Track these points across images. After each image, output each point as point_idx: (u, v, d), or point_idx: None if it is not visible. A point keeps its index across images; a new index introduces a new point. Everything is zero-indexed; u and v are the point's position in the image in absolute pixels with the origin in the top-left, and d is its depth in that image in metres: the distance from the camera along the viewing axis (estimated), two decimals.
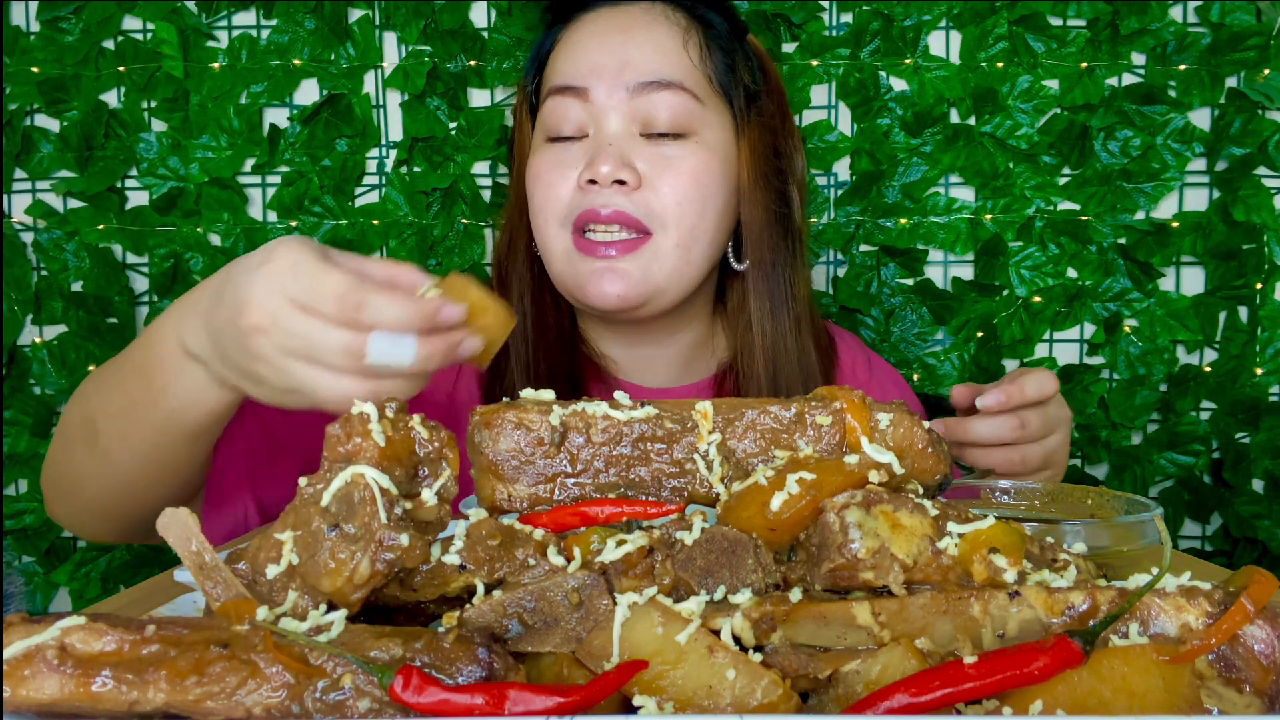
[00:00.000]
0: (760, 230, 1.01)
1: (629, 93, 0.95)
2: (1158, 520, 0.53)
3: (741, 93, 1.00)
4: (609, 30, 0.98)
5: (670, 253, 0.95)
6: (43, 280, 1.51)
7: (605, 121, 0.95)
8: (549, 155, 0.98)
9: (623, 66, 0.95)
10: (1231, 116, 1.41)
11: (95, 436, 0.78)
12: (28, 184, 1.50)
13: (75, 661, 0.37)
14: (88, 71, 1.47)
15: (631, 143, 0.95)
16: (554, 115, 0.98)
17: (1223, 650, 0.38)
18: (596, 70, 0.96)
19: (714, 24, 1.00)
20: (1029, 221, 1.44)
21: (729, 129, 0.99)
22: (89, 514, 0.85)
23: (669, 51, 0.96)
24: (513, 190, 1.08)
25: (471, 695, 0.35)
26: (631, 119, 0.95)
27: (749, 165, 1.00)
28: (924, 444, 0.49)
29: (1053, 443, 0.91)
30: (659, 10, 0.99)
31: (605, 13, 1.00)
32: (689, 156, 0.95)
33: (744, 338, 1.03)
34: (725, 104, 0.99)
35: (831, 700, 0.39)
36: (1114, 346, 1.45)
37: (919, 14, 1.43)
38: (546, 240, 0.98)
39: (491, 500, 0.50)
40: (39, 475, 1.51)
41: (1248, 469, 1.43)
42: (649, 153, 0.95)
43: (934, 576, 0.42)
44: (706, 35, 0.99)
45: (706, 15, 1.00)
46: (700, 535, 0.43)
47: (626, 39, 0.97)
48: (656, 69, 0.95)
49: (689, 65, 0.97)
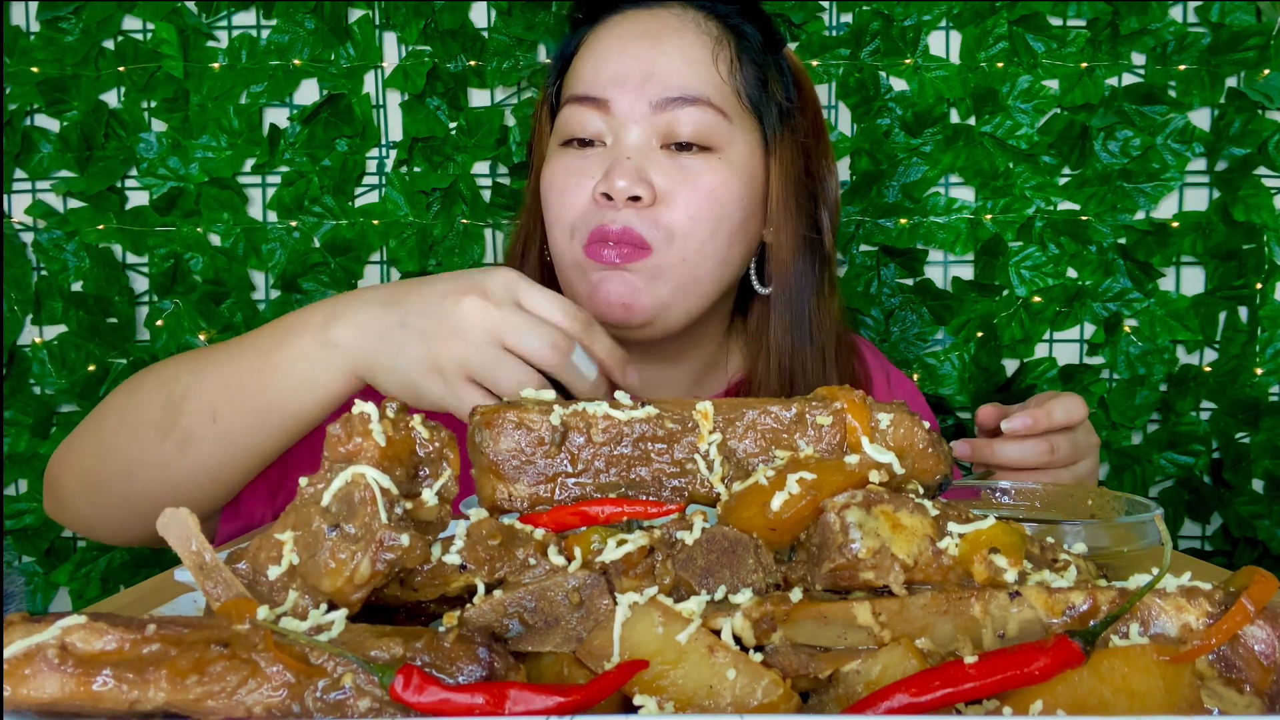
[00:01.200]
0: (788, 255, 0.96)
1: (651, 107, 0.90)
2: (1158, 520, 0.53)
3: (774, 110, 0.95)
4: (635, 36, 0.93)
5: (675, 267, 0.90)
6: (43, 280, 1.51)
7: (625, 133, 0.91)
8: (565, 162, 0.93)
9: (646, 79, 0.90)
10: (1231, 116, 1.41)
11: (178, 418, 0.78)
12: (28, 184, 1.50)
13: (76, 661, 0.37)
14: (88, 71, 1.47)
15: (650, 155, 0.90)
16: (572, 122, 0.93)
17: (1223, 650, 0.38)
18: (619, 81, 0.91)
19: (747, 35, 0.95)
20: (1029, 221, 1.44)
21: (757, 147, 0.95)
22: (127, 510, 0.84)
23: (696, 63, 0.91)
24: (529, 194, 1.04)
25: (472, 695, 0.35)
26: (653, 132, 0.91)
27: (779, 186, 0.95)
28: (924, 444, 0.49)
29: (1082, 469, 0.89)
30: (690, 18, 0.94)
31: (633, 16, 0.95)
32: (708, 172, 0.90)
33: (761, 361, 0.99)
34: (755, 121, 0.95)
35: (832, 700, 0.39)
36: (1114, 346, 1.45)
37: (919, 14, 1.43)
38: (559, 249, 0.95)
39: (492, 500, 0.50)
40: (39, 475, 1.51)
41: (1248, 469, 1.43)
42: (668, 165, 0.90)
43: (934, 576, 0.42)
44: (739, 47, 0.94)
45: (740, 26, 0.95)
46: (701, 535, 0.43)
47: (653, 47, 0.92)
48: (682, 83, 0.90)
49: (717, 80, 0.92)
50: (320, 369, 0.74)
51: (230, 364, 0.78)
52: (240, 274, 1.49)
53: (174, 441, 0.79)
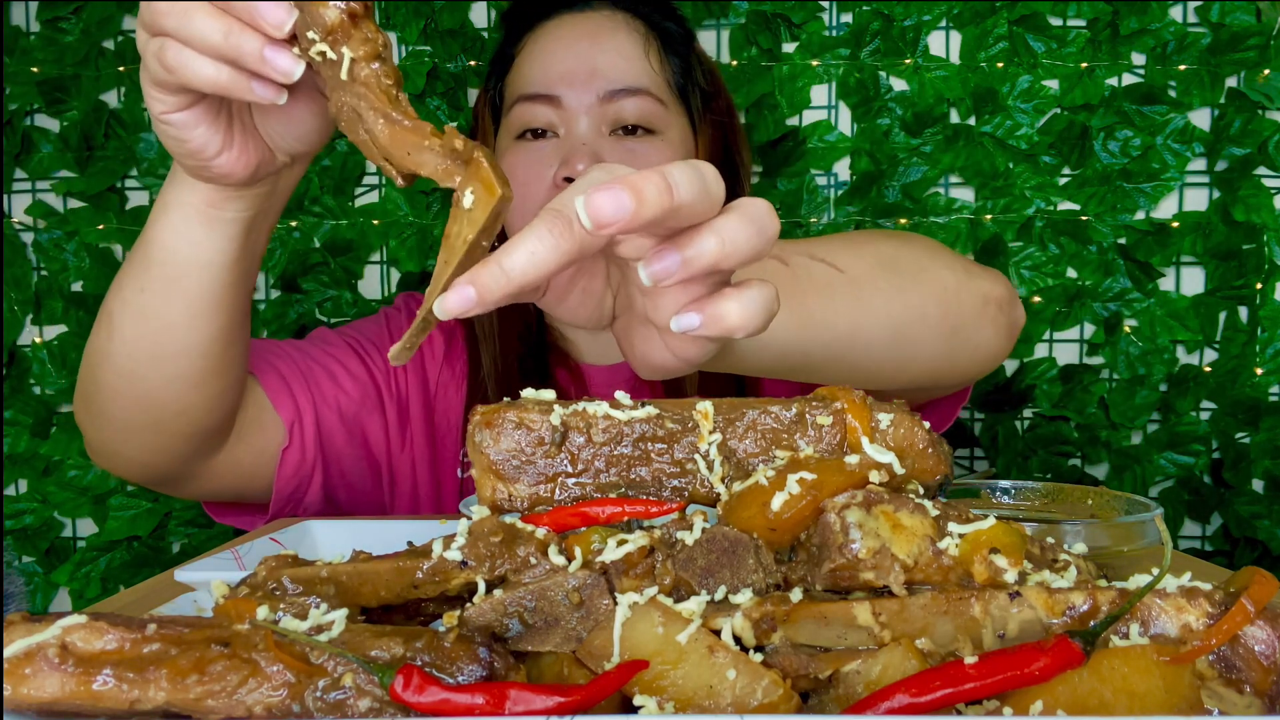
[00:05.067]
0: None
1: (598, 99, 0.99)
2: (1158, 520, 0.53)
3: (698, 94, 1.06)
4: (576, 37, 1.02)
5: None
6: (43, 280, 1.51)
7: (576, 124, 1.00)
8: (521, 155, 1.02)
9: (592, 74, 1.00)
10: (1231, 116, 1.41)
11: (109, 314, 0.80)
12: (28, 184, 1.50)
13: (76, 660, 0.37)
14: (88, 71, 1.47)
15: (601, 142, 0.99)
16: (525, 117, 1.01)
17: (1223, 651, 0.38)
18: (567, 78, 1.00)
19: (669, 31, 1.05)
20: (1029, 221, 1.44)
21: (688, 129, 1.05)
22: (106, 418, 0.85)
23: (633, 58, 1.01)
24: None
25: (472, 695, 0.35)
26: (601, 121, 1.00)
27: (706, 160, 1.03)
28: (925, 444, 0.49)
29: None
30: (621, 18, 1.04)
31: (570, 19, 1.04)
32: (654, 153, 1.00)
33: None
34: (683, 106, 1.05)
35: (832, 700, 0.39)
36: (1114, 346, 1.45)
37: (919, 14, 1.43)
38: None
39: (492, 500, 0.50)
40: (39, 475, 1.52)
41: (1248, 469, 1.43)
42: (618, 149, 1.00)
43: (934, 577, 0.42)
44: (663, 42, 1.04)
45: (661, 23, 1.05)
46: (701, 535, 0.43)
47: (593, 46, 1.01)
48: (624, 76, 1.00)
49: (651, 71, 1.02)
50: (171, 221, 0.73)
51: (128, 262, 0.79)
52: None
53: (103, 333, 0.80)
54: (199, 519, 1.52)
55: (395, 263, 1.51)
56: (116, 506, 1.50)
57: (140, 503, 1.51)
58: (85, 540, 1.53)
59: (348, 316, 1.48)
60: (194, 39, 0.56)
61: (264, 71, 0.55)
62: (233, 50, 0.55)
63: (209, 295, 0.76)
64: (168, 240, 0.74)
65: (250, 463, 0.94)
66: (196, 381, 0.81)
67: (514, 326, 1.07)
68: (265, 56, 0.55)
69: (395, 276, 1.52)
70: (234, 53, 0.55)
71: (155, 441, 0.85)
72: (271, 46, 0.55)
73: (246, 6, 0.54)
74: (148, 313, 0.77)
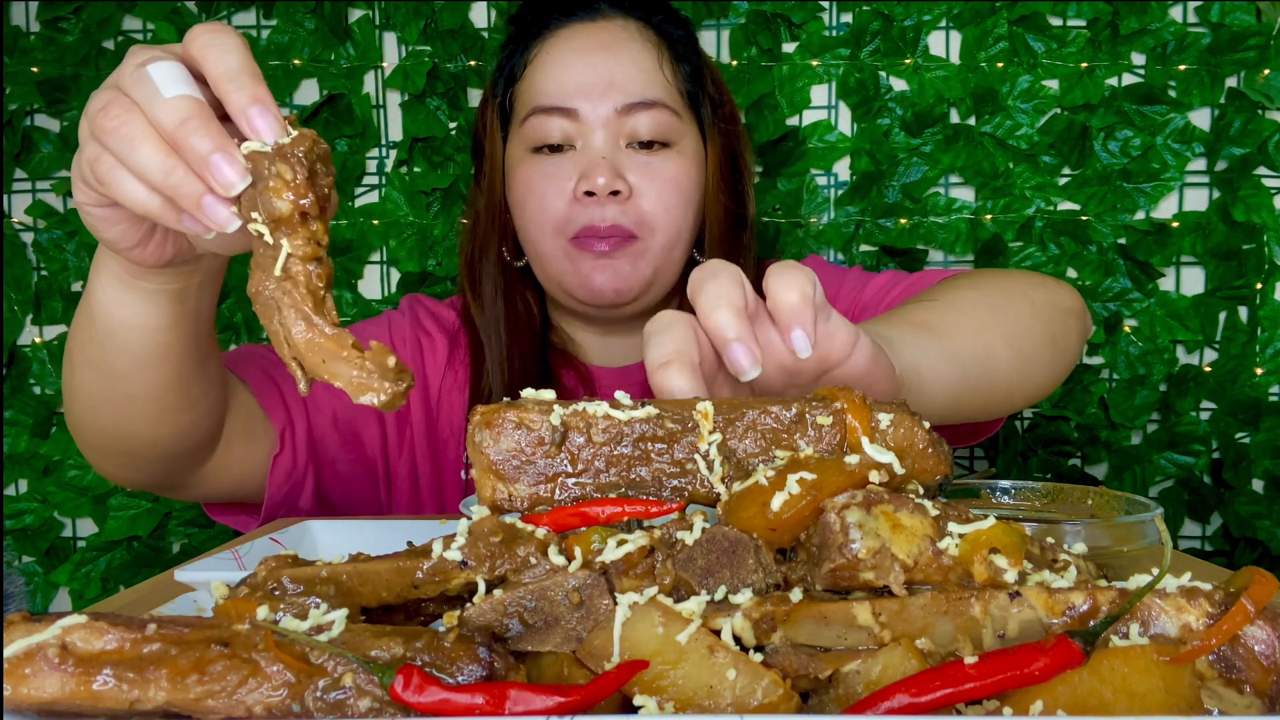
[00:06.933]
0: (722, 226, 1.07)
1: (615, 112, 1.00)
2: (1158, 520, 0.53)
3: (707, 102, 1.07)
4: (591, 48, 1.01)
5: (658, 253, 1.02)
6: (43, 280, 1.51)
7: (593, 137, 1.00)
8: (537, 167, 1.02)
9: (608, 87, 1.00)
10: (1231, 116, 1.41)
11: (69, 354, 0.79)
12: (28, 184, 1.50)
13: (76, 660, 0.37)
14: (88, 71, 1.47)
15: (619, 155, 1.01)
16: (541, 130, 1.01)
17: (1223, 651, 0.38)
18: (584, 90, 1.00)
19: (677, 38, 1.05)
20: (1029, 221, 1.44)
21: (698, 137, 1.06)
22: (83, 444, 0.85)
23: (648, 70, 1.02)
24: (484, 195, 1.10)
25: (472, 695, 0.35)
26: (618, 134, 1.01)
27: (715, 168, 1.06)
28: (924, 444, 0.49)
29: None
30: (634, 27, 1.03)
31: (581, 29, 1.03)
32: (671, 165, 1.02)
33: None
34: (694, 115, 1.06)
35: (832, 700, 0.39)
36: (1114, 346, 1.45)
37: (919, 14, 1.43)
38: (541, 248, 1.03)
39: (492, 500, 0.50)
40: (39, 475, 1.52)
41: (1248, 469, 1.43)
42: (636, 162, 1.01)
43: (934, 577, 0.42)
44: (672, 50, 1.04)
45: (670, 31, 1.05)
46: (701, 535, 0.43)
47: (609, 58, 1.01)
48: (641, 89, 1.01)
49: (665, 82, 1.03)
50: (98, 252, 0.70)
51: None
52: (240, 274, 1.49)
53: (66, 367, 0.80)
54: (199, 519, 1.52)
55: (395, 263, 1.51)
56: (116, 506, 1.50)
57: (140, 503, 1.51)
58: (85, 540, 1.53)
59: (348, 317, 1.48)
60: (134, 167, 0.54)
61: (198, 217, 0.53)
62: (170, 190, 0.53)
63: (149, 351, 0.74)
64: (99, 297, 0.71)
65: (241, 469, 0.93)
66: (156, 420, 0.80)
67: (519, 328, 1.08)
68: (203, 205, 0.52)
69: (395, 276, 1.52)
70: (171, 192, 0.53)
71: (133, 462, 0.85)
72: (212, 197, 0.52)
73: (200, 157, 0.51)
74: (95, 361, 0.76)
